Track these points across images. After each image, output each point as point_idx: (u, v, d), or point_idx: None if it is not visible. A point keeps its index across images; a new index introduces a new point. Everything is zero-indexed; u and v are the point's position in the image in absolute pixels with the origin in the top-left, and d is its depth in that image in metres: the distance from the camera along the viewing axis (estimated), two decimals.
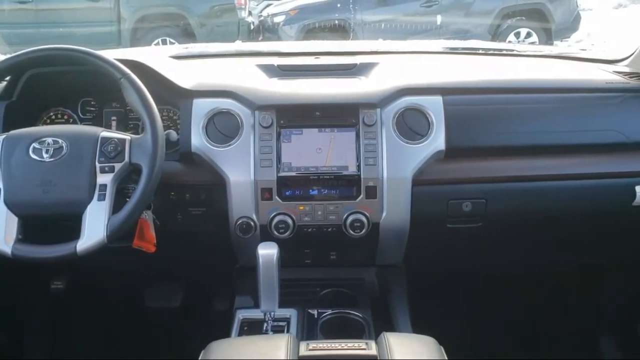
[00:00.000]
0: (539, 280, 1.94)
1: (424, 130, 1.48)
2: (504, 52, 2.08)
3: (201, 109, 1.48)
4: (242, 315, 1.44)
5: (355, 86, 1.59)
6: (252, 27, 7.50)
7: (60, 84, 1.56)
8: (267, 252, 1.29)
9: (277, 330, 1.38)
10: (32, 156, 1.28)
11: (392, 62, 1.76)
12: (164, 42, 6.87)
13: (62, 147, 1.30)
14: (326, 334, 1.40)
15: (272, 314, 1.34)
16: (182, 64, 1.75)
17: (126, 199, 1.30)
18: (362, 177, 1.45)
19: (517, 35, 7.23)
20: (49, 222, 1.35)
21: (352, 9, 6.84)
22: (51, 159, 1.28)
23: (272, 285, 1.29)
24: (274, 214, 1.44)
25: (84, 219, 1.26)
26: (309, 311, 1.47)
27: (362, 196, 1.45)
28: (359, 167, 1.45)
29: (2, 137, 1.31)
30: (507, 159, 1.52)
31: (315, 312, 1.46)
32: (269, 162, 1.44)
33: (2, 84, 1.50)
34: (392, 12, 7.14)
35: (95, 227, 1.25)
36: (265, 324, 1.35)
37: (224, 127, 1.47)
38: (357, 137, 1.46)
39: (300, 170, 1.45)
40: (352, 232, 1.45)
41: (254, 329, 1.39)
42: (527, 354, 1.90)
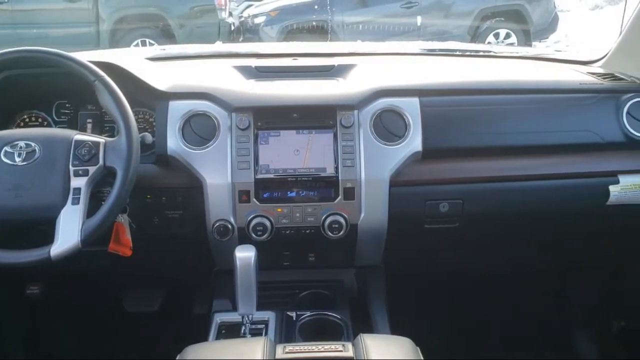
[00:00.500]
0: (516, 279, 1.96)
1: (401, 131, 1.49)
2: (481, 54, 2.10)
3: (177, 111, 1.47)
4: (219, 318, 1.43)
5: (332, 88, 1.59)
6: (233, 28, 7.49)
7: (34, 87, 1.54)
8: (244, 255, 1.28)
9: (255, 333, 1.37)
10: (4, 160, 1.27)
11: (369, 64, 1.76)
12: (144, 43, 6.82)
13: (34, 150, 1.28)
14: (304, 336, 1.40)
15: (250, 317, 1.33)
16: (159, 65, 1.73)
17: (101, 203, 1.29)
18: (340, 178, 1.45)
19: (497, 36, 7.31)
20: (22, 226, 1.33)
21: (329, 10, 6.84)
22: (24, 163, 1.27)
23: (249, 288, 1.28)
24: (251, 216, 1.43)
25: (57, 223, 1.24)
26: (288, 313, 1.46)
27: (340, 198, 1.45)
28: (337, 168, 1.45)
29: None
30: (483, 159, 1.53)
31: (293, 315, 1.46)
32: (247, 164, 1.44)
33: None
34: (372, 13, 7.17)
35: (69, 231, 1.24)
36: (243, 327, 1.34)
37: (200, 129, 1.46)
38: (335, 139, 1.46)
39: (278, 172, 1.45)
40: (330, 233, 1.45)
41: (231, 332, 1.38)
42: (505, 353, 1.91)
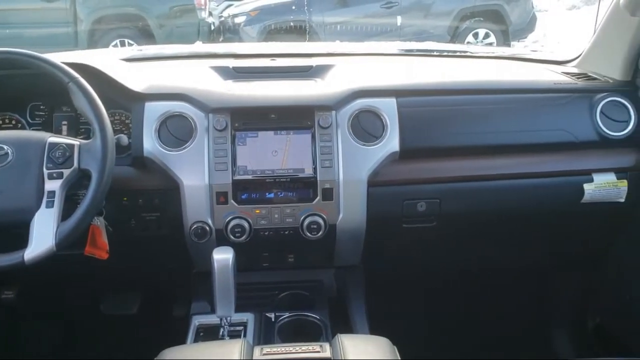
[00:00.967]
0: (493, 278, 1.98)
1: (378, 132, 1.50)
2: (458, 54, 2.11)
3: (153, 112, 1.46)
4: (198, 321, 1.43)
5: (310, 88, 1.59)
6: (213, 28, 7.44)
7: (7, 88, 1.51)
8: (222, 256, 1.28)
9: (234, 335, 1.37)
10: None
11: (348, 64, 1.76)
12: (123, 44, 6.76)
13: (7, 153, 1.26)
14: (283, 337, 1.40)
15: (228, 319, 1.33)
16: (135, 66, 1.72)
17: (76, 206, 1.27)
18: (318, 179, 1.45)
19: (476, 36, 7.38)
20: None
21: (307, 11, 6.84)
22: None
23: (228, 290, 1.28)
24: (229, 218, 1.43)
25: (32, 227, 1.23)
26: (266, 315, 1.46)
27: (318, 198, 1.45)
28: (315, 169, 1.45)
29: None
30: (460, 159, 1.55)
31: (272, 316, 1.46)
32: (224, 165, 1.43)
33: None
34: (353, 14, 7.19)
35: (43, 234, 1.22)
36: (221, 329, 1.34)
37: (177, 131, 1.45)
38: (313, 140, 1.46)
39: (256, 173, 1.44)
40: (309, 234, 1.45)
41: (210, 334, 1.38)
42: (483, 351, 1.93)
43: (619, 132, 1.57)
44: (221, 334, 1.33)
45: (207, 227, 1.43)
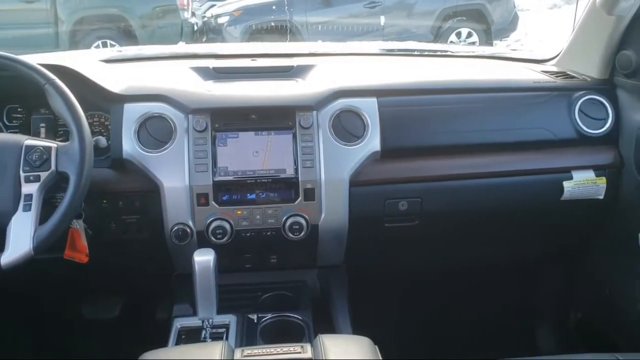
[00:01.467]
0: (476, 276, 1.99)
1: (359, 131, 1.50)
2: (439, 53, 2.12)
3: (132, 113, 1.45)
4: (179, 323, 1.42)
5: (291, 89, 1.58)
6: (196, 28, 7.41)
7: None
8: (203, 258, 1.27)
9: (216, 337, 1.36)
10: None
11: (329, 64, 1.76)
12: (105, 45, 6.70)
13: None
14: (266, 338, 1.40)
15: (210, 321, 1.32)
16: (114, 67, 1.70)
17: (55, 209, 1.26)
18: (300, 179, 1.44)
19: (459, 35, 7.42)
20: None
21: (288, 11, 6.84)
22: None
23: (209, 292, 1.27)
24: (210, 219, 1.42)
25: (8, 231, 1.21)
26: (249, 316, 1.46)
27: (300, 199, 1.45)
28: (296, 169, 1.45)
29: None
30: (441, 158, 1.55)
31: (255, 317, 1.46)
32: (204, 166, 1.42)
33: None
34: (336, 13, 7.20)
35: (20, 238, 1.20)
36: (203, 332, 1.33)
37: (156, 132, 1.44)
38: (294, 140, 1.46)
39: (237, 174, 1.44)
40: (291, 234, 1.44)
41: (192, 337, 1.37)
42: (467, 350, 1.94)
43: (597, 129, 1.59)
44: (203, 336, 1.33)
45: (188, 229, 1.42)
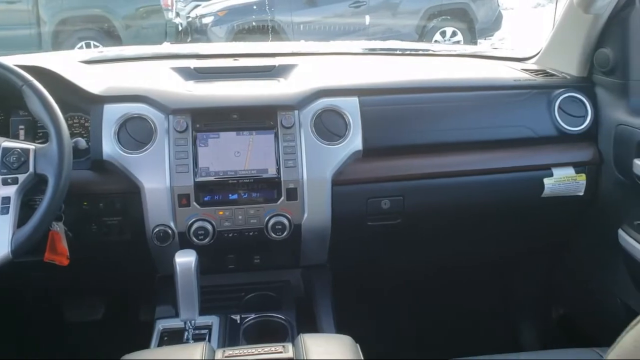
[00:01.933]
0: (459, 273, 2.00)
1: (341, 131, 1.50)
2: (420, 52, 2.13)
3: (112, 114, 1.44)
4: (162, 325, 1.41)
5: (273, 88, 1.58)
6: (181, 28, 7.38)
7: None
8: (184, 260, 1.26)
9: (199, 338, 1.35)
10: None
11: (311, 64, 1.76)
12: (88, 46, 6.65)
13: None
14: (249, 339, 1.39)
15: (192, 322, 1.31)
16: (94, 68, 1.69)
17: (34, 212, 1.24)
18: (282, 179, 1.44)
19: (443, 34, 7.46)
20: None
21: (269, 11, 6.83)
22: None
23: (191, 293, 1.27)
24: (192, 220, 1.41)
25: None
26: (232, 317, 1.45)
27: (283, 198, 1.44)
28: (278, 169, 1.44)
29: None
30: (422, 156, 1.56)
31: (238, 318, 1.45)
32: (185, 167, 1.41)
33: None
34: (321, 13, 7.21)
35: None
36: (186, 333, 1.32)
37: (136, 133, 1.43)
38: (276, 140, 1.46)
39: (218, 174, 1.43)
40: (274, 234, 1.44)
41: (174, 338, 1.36)
42: (450, 347, 1.95)
43: (577, 127, 1.60)
44: (186, 337, 1.32)
45: (170, 231, 1.41)
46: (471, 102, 1.60)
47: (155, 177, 1.41)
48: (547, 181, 1.59)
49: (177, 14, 7.42)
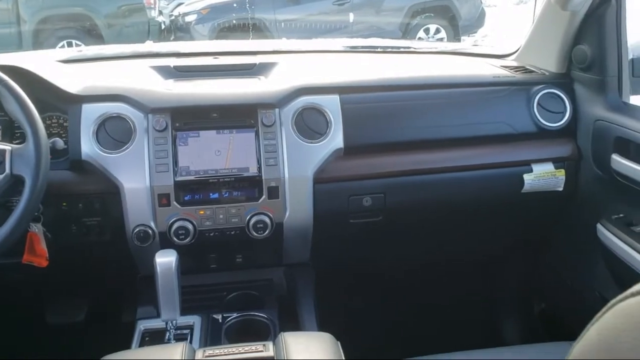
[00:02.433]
0: (440, 270, 2.01)
1: (322, 129, 1.50)
2: (402, 50, 2.14)
3: (91, 114, 1.42)
4: (143, 325, 1.40)
5: (253, 86, 1.57)
6: (164, 27, 7.32)
7: None
8: (164, 260, 1.25)
9: (180, 338, 1.34)
10: None
11: (292, 62, 1.76)
12: (70, 45, 6.56)
13: None
14: (231, 338, 1.39)
15: (174, 322, 1.30)
16: (72, 67, 1.67)
17: (11, 213, 1.23)
18: (263, 177, 1.44)
19: (427, 31, 7.48)
20: None
21: (249, 8, 6.80)
22: None
23: (172, 293, 1.26)
24: (172, 220, 1.40)
25: None
26: (214, 316, 1.45)
27: (264, 197, 1.44)
28: (259, 168, 1.44)
29: None
30: (403, 153, 1.56)
31: (219, 317, 1.45)
32: (165, 166, 1.40)
33: None
34: (305, 11, 7.19)
35: None
36: (167, 333, 1.32)
37: (115, 133, 1.42)
38: (257, 138, 1.45)
39: (199, 173, 1.42)
40: (255, 233, 1.44)
41: (155, 339, 1.35)
42: (433, 343, 1.96)
43: (556, 123, 1.62)
44: (167, 338, 1.31)
45: (150, 231, 1.40)
46: (451, 99, 1.61)
47: (134, 176, 1.40)
48: (526, 177, 1.60)
49: (160, 12, 7.36)
